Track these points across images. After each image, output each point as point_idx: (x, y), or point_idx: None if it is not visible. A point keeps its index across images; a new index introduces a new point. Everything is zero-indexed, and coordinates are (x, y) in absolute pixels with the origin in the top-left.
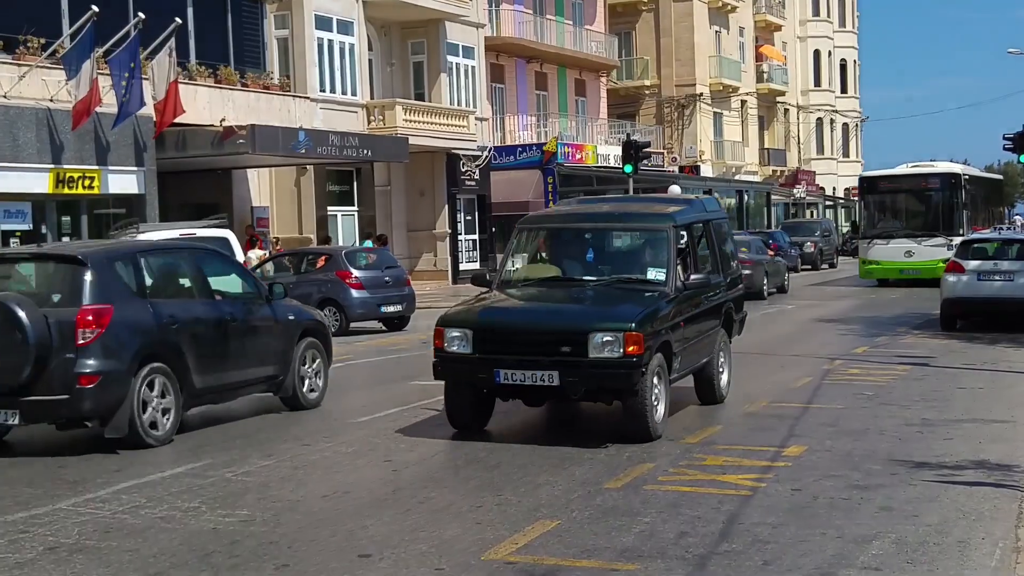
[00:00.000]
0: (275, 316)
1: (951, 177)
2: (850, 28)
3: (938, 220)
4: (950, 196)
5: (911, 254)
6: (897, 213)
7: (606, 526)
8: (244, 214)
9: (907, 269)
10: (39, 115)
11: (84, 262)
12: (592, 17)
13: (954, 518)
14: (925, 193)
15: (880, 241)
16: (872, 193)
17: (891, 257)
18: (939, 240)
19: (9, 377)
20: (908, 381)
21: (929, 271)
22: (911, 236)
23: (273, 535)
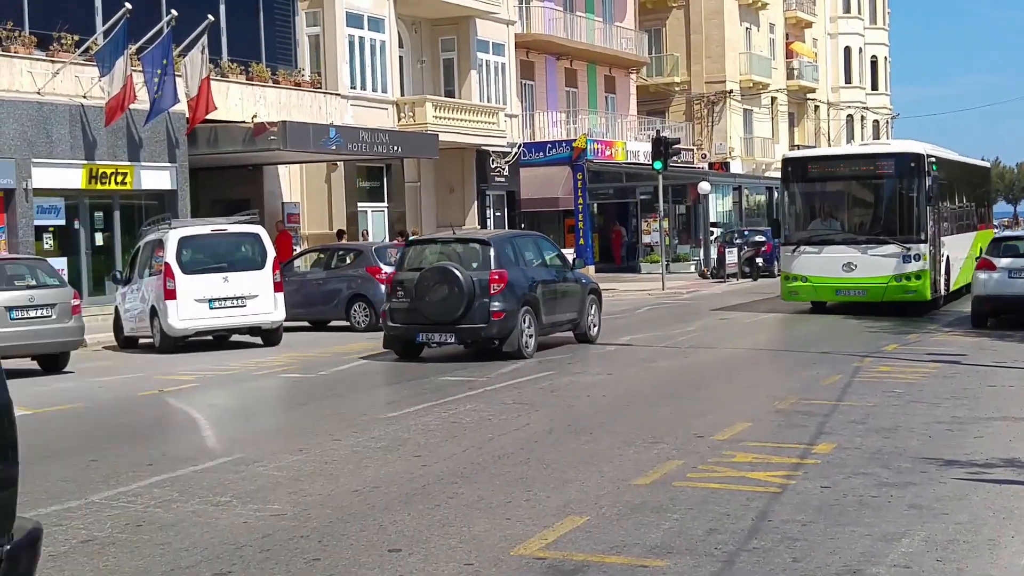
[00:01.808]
0: (576, 279)
1: (910, 160)
2: (881, 25)
3: (891, 220)
4: (909, 187)
5: (852, 267)
6: (834, 209)
7: (635, 522)
8: (275, 210)
9: (846, 288)
10: (72, 111)
11: (489, 243)
12: (622, 14)
13: (984, 516)
14: (873, 182)
15: (810, 249)
16: (800, 181)
17: (824, 271)
18: (891, 249)
19: (450, 314)
20: (938, 379)
21: (876, 292)
22: (853, 242)
23: (304, 529)
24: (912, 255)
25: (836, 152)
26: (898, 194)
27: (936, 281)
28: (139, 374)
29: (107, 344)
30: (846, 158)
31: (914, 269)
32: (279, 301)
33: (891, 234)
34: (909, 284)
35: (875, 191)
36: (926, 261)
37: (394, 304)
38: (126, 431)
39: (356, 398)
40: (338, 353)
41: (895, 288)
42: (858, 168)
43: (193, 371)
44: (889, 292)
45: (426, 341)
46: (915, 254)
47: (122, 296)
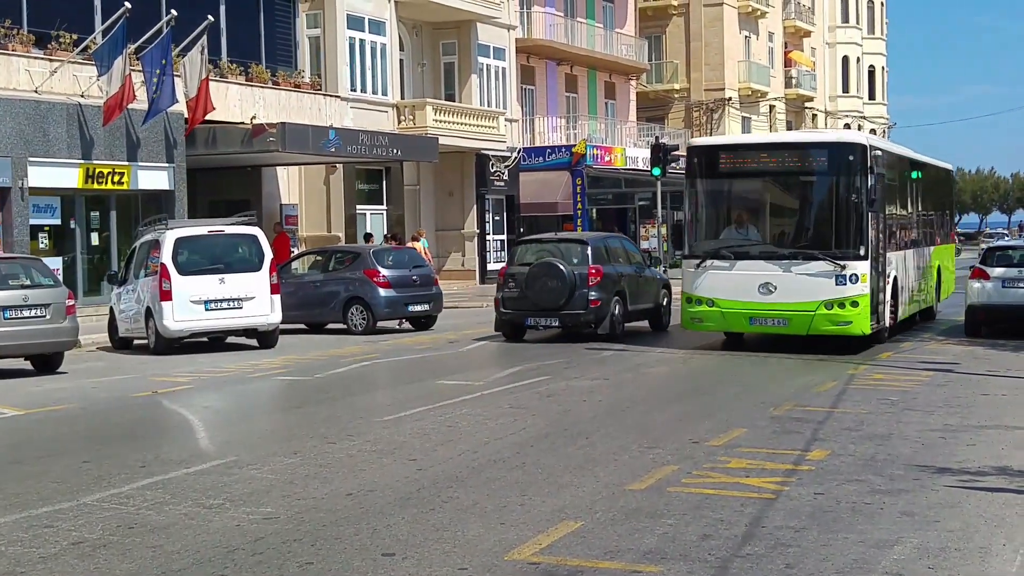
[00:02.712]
0: (652, 274)
1: (848, 152)
2: (879, 35)
3: (823, 229)
4: (847, 187)
5: (771, 289)
6: (751, 214)
7: (629, 528)
8: (273, 211)
9: (763, 316)
10: (70, 110)
11: (587, 242)
12: (623, 20)
13: (976, 524)
14: (801, 179)
15: (719, 264)
16: (708, 176)
17: (736, 293)
18: (821, 266)
19: (555, 302)
20: (932, 387)
21: (800, 322)
22: (773, 256)
23: (297, 533)
24: (848, 275)
25: (755, 140)
26: (832, 196)
27: (879, 309)
28: (133, 375)
29: (101, 345)
30: (767, 147)
31: (850, 293)
32: (276, 303)
33: (822, 247)
34: (843, 313)
35: (803, 191)
36: (865, 283)
37: (505, 294)
38: (119, 432)
39: (352, 401)
40: (334, 356)
41: (824, 318)
42: (782, 161)
43: (188, 373)
44: (817, 323)
45: (534, 324)
46: (852, 274)
47: (117, 296)
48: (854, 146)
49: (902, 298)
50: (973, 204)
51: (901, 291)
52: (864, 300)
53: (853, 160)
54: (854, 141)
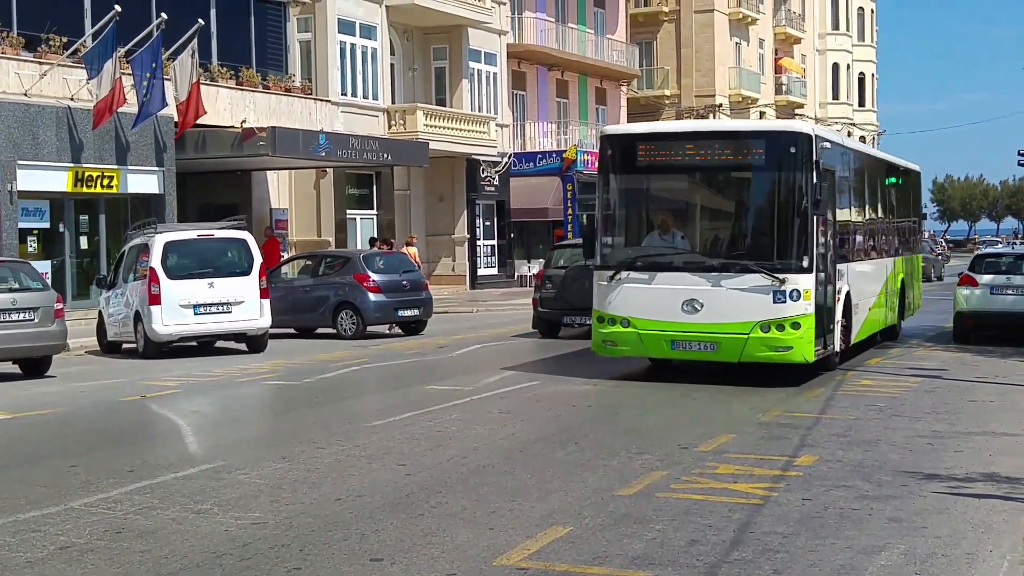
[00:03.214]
0: None
1: (789, 143)
2: (869, 42)
3: (759, 235)
4: (788, 185)
5: (696, 307)
6: (674, 217)
7: (618, 533)
8: (263, 216)
9: (687, 339)
10: (59, 113)
11: None
12: (614, 26)
13: (963, 530)
14: (734, 176)
15: (637, 277)
16: (624, 172)
17: (656, 312)
18: (756, 280)
19: (589, 301)
20: (920, 393)
21: (731, 347)
22: (700, 268)
23: (285, 538)
24: (788, 291)
25: (679, 128)
26: (771, 196)
27: (827, 331)
28: (122, 379)
29: (90, 348)
30: (693, 137)
31: (790, 313)
32: (265, 308)
33: (758, 257)
34: (781, 337)
35: (736, 190)
36: (809, 300)
37: (543, 294)
38: (107, 437)
39: (341, 406)
40: (324, 360)
41: (760, 342)
42: (712, 154)
43: (176, 377)
44: (751, 348)
45: (569, 323)
46: (793, 290)
47: (106, 300)
48: (796, 136)
49: (857, 317)
50: (962, 211)
51: (855, 309)
52: (807, 321)
53: (796, 153)
54: (796, 130)
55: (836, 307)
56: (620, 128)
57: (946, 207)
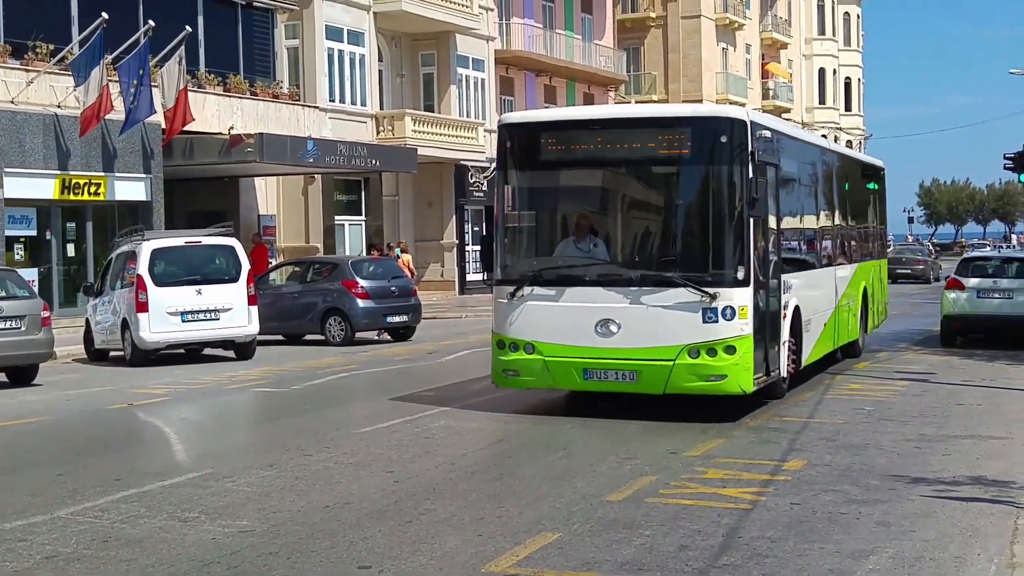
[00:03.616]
0: None
1: (720, 130)
2: (855, 47)
3: (687, 242)
4: (719, 181)
5: (613, 329)
6: (585, 220)
7: (607, 539)
8: (251, 222)
9: (602, 367)
10: (46, 121)
11: None
12: (601, 32)
13: (951, 534)
14: (655, 171)
15: (542, 293)
16: (527, 167)
17: (565, 334)
18: (681, 295)
19: None
20: (907, 397)
21: (654, 376)
22: (616, 282)
23: (272, 546)
24: (720, 308)
25: (589, 114)
26: (699, 194)
27: (769, 354)
28: (109, 387)
29: (77, 356)
30: (606, 125)
31: (723, 335)
32: (253, 314)
33: (684, 268)
34: (713, 364)
35: (658, 188)
36: (746, 319)
37: None
38: (94, 445)
39: (329, 413)
40: (312, 367)
41: (687, 370)
42: (629, 145)
43: (164, 385)
44: (677, 377)
45: None
46: (726, 306)
47: (93, 308)
48: (726, 122)
49: (809, 335)
50: (949, 215)
51: (807, 326)
52: (744, 344)
53: (727, 142)
54: (726, 115)
55: (782, 325)
56: (520, 115)
57: (933, 211)
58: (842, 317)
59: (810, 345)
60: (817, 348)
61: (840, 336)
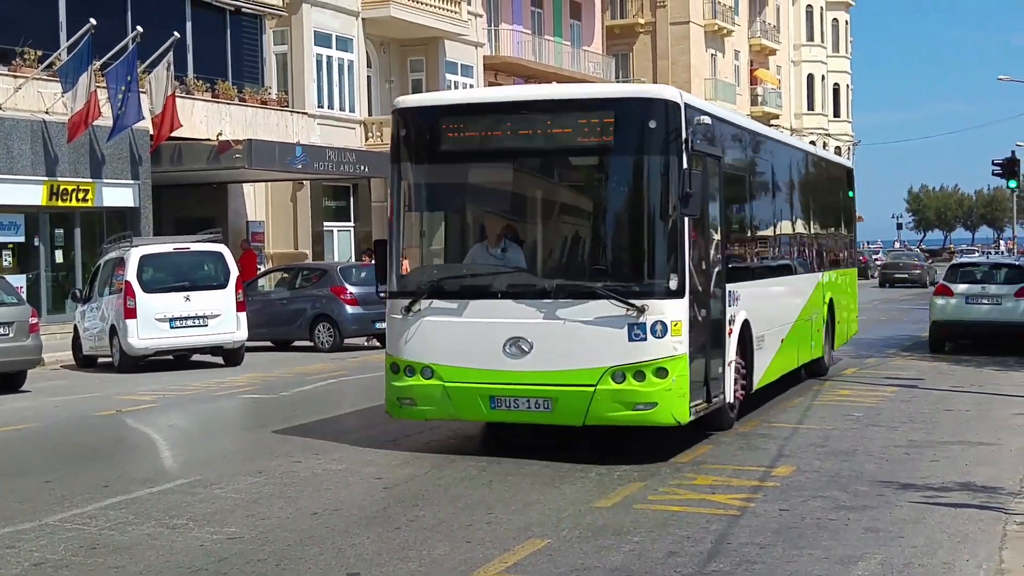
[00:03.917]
0: None
1: (646, 115)
2: (843, 53)
3: (607, 246)
4: (647, 176)
5: (524, 348)
6: (492, 221)
7: (596, 545)
8: (239, 228)
9: (512, 395)
10: (34, 127)
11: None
12: (590, 38)
13: (939, 540)
14: (574, 162)
15: (442, 307)
16: (425, 159)
17: (469, 356)
18: (603, 308)
19: None
20: (896, 403)
21: (572, 404)
22: (528, 293)
23: (261, 553)
24: (649, 324)
25: (497, 96)
26: (624, 190)
27: (711, 378)
28: (97, 394)
29: (65, 363)
30: (517, 109)
31: (653, 355)
32: (242, 321)
33: (608, 277)
34: (641, 389)
35: (578, 182)
36: (680, 336)
37: None
38: (83, 452)
39: (318, 419)
40: (301, 373)
41: (611, 397)
42: (543, 132)
43: (152, 391)
44: (600, 406)
45: None
46: (656, 322)
47: (81, 314)
48: (655, 105)
49: (762, 354)
50: (937, 221)
51: (759, 343)
52: (678, 365)
53: (656, 129)
54: (655, 97)
55: (727, 342)
56: (418, 98)
57: (921, 217)
58: (804, 332)
59: (763, 364)
60: (773, 367)
61: (802, 353)
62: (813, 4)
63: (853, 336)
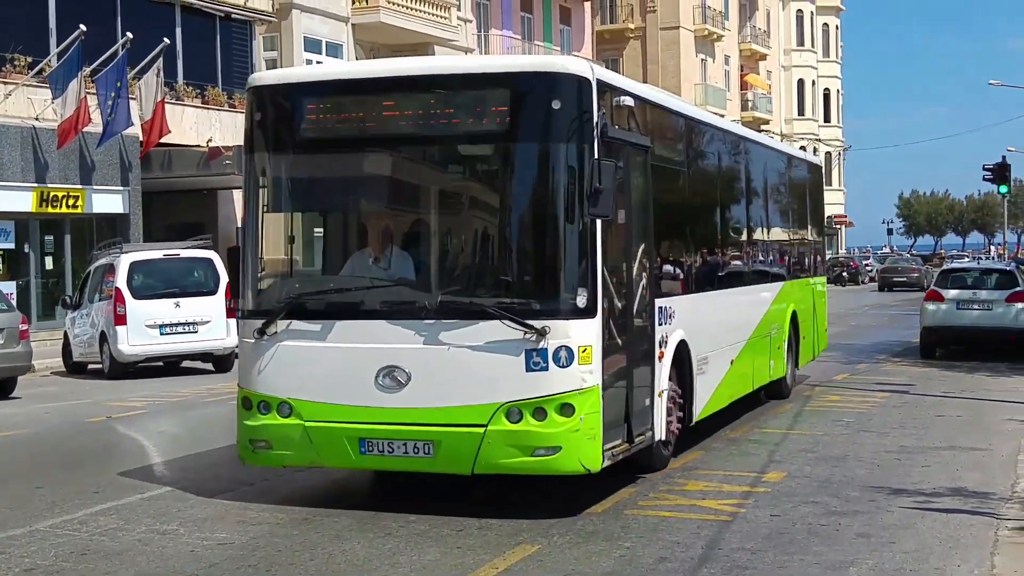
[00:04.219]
0: None
1: (550, 93)
2: (834, 58)
3: (503, 256)
4: (552, 164)
5: (400, 380)
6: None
7: (586, 551)
8: (229, 235)
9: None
10: (24, 134)
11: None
12: (580, 43)
13: (931, 545)
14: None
15: (303, 329)
16: (285, 149)
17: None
18: (495, 331)
19: None
20: (887, 408)
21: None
22: (402, 311)
23: (252, 559)
24: (551, 350)
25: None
26: (523, 184)
27: (634, 413)
28: (87, 400)
29: (56, 369)
30: (392, 86)
31: (557, 389)
32: (232, 327)
33: (501, 291)
34: (541, 430)
35: (467, 176)
36: (590, 364)
37: None
38: (73, 458)
39: None
40: None
41: (505, 439)
42: (425, 114)
43: (142, 397)
44: (492, 451)
45: None
46: (559, 347)
47: (71, 321)
48: (559, 80)
49: (704, 379)
50: (928, 226)
51: (700, 366)
52: (587, 400)
53: (561, 111)
54: (559, 70)
55: (657, 368)
56: (276, 75)
57: (912, 222)
58: (761, 350)
59: (707, 391)
60: (721, 393)
61: (759, 374)
62: (803, 9)
63: (822, 351)
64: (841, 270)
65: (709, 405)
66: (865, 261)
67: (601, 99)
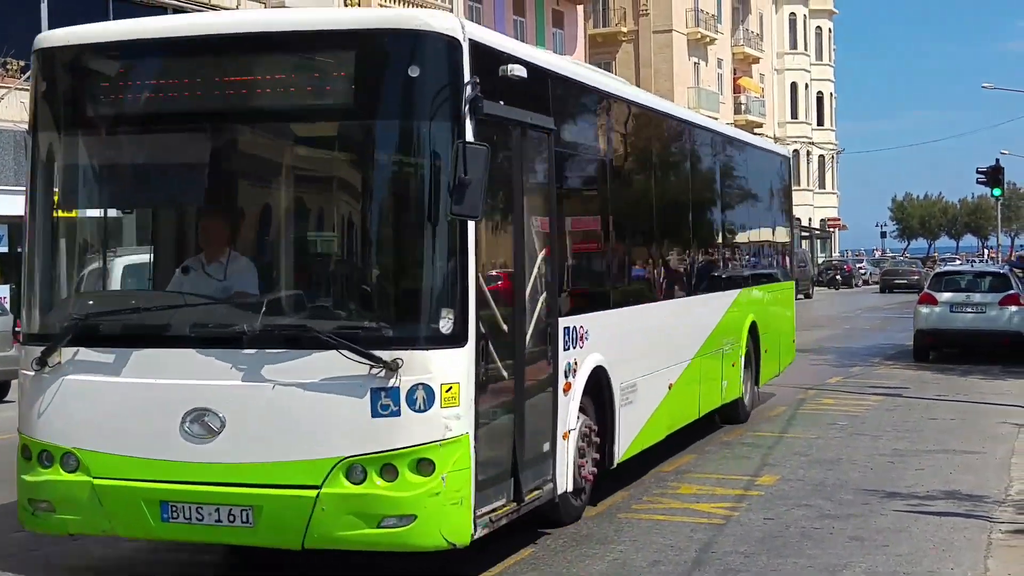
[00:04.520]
0: None
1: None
2: (827, 61)
3: (345, 267)
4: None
5: (212, 427)
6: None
7: (580, 554)
8: None
9: (191, 501)
10: (18, 137)
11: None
12: (572, 47)
13: (924, 548)
14: (295, 136)
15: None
16: (78, 127)
17: (131, 440)
18: (333, 364)
19: None
20: (881, 411)
21: (283, 513)
22: (219, 339)
23: (245, 566)
24: (405, 389)
25: (180, 28)
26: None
27: (523, 464)
28: None
29: None
30: (209, 46)
31: (413, 441)
32: None
33: (341, 312)
34: (390, 494)
35: (301, 163)
36: (457, 407)
37: None
38: None
39: None
40: None
41: (342, 505)
42: (251, 82)
43: None
44: (325, 520)
45: None
46: (415, 385)
47: None
48: (420, 40)
49: (631, 409)
50: (921, 229)
51: (626, 395)
52: (452, 454)
53: (419, 80)
54: (419, 27)
55: (562, 404)
56: (64, 33)
57: (905, 225)
58: (710, 369)
59: (635, 424)
60: (655, 424)
61: (708, 397)
62: (796, 12)
63: (789, 365)
64: (835, 273)
65: (638, 440)
66: (859, 264)
67: (477, 66)
